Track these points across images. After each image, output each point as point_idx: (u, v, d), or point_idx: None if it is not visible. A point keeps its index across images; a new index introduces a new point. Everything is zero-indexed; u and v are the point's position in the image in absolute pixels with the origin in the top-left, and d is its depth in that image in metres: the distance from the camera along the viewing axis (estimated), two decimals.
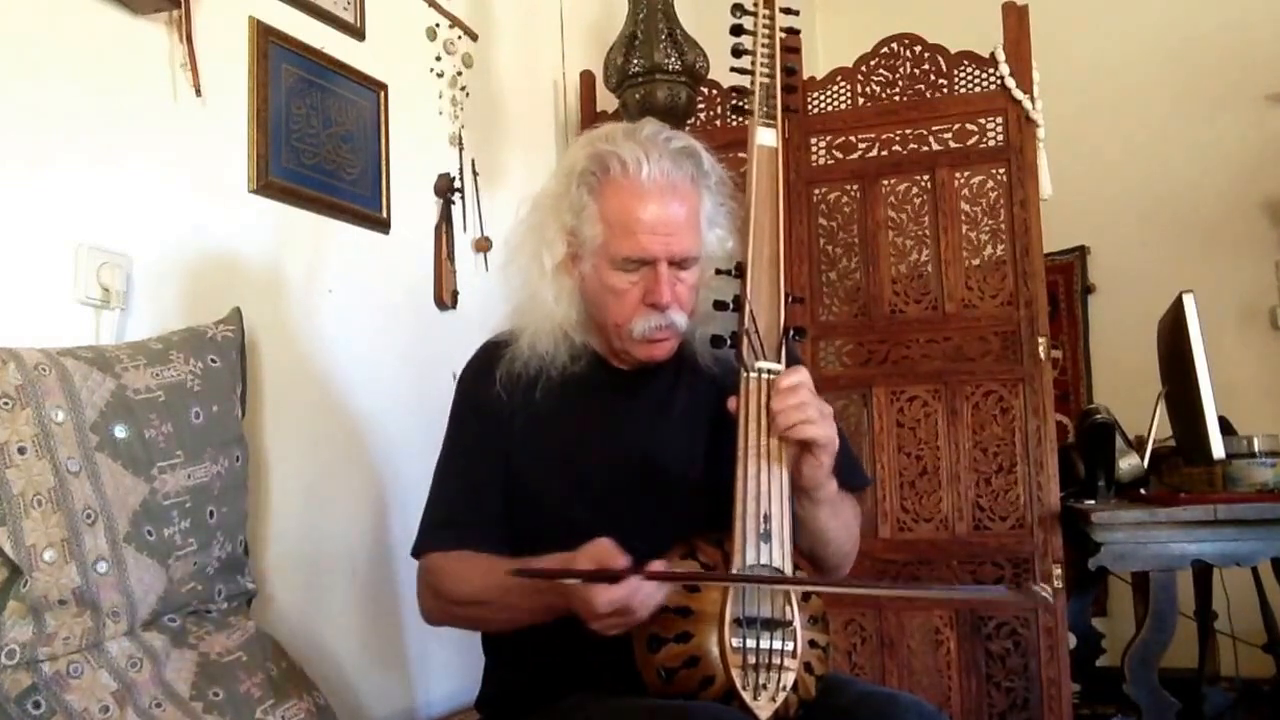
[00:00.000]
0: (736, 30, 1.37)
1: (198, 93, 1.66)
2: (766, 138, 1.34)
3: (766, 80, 1.36)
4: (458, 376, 1.50)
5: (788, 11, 1.40)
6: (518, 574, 1.18)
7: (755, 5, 1.38)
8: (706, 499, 1.30)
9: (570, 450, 1.39)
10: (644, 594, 1.13)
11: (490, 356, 1.45)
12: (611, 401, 1.42)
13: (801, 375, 1.25)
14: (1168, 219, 3.73)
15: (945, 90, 2.50)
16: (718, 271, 1.35)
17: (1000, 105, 2.45)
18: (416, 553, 1.41)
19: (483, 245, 2.35)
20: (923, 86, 2.52)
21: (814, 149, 2.59)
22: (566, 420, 1.40)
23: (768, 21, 1.37)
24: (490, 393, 1.41)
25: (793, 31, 1.41)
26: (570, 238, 1.37)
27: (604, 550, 1.15)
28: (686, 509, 1.32)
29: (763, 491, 1.22)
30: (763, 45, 1.36)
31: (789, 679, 1.18)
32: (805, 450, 1.24)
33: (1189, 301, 2.29)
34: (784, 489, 1.23)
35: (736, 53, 1.37)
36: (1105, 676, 2.73)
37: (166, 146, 1.62)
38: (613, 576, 1.11)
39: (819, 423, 1.22)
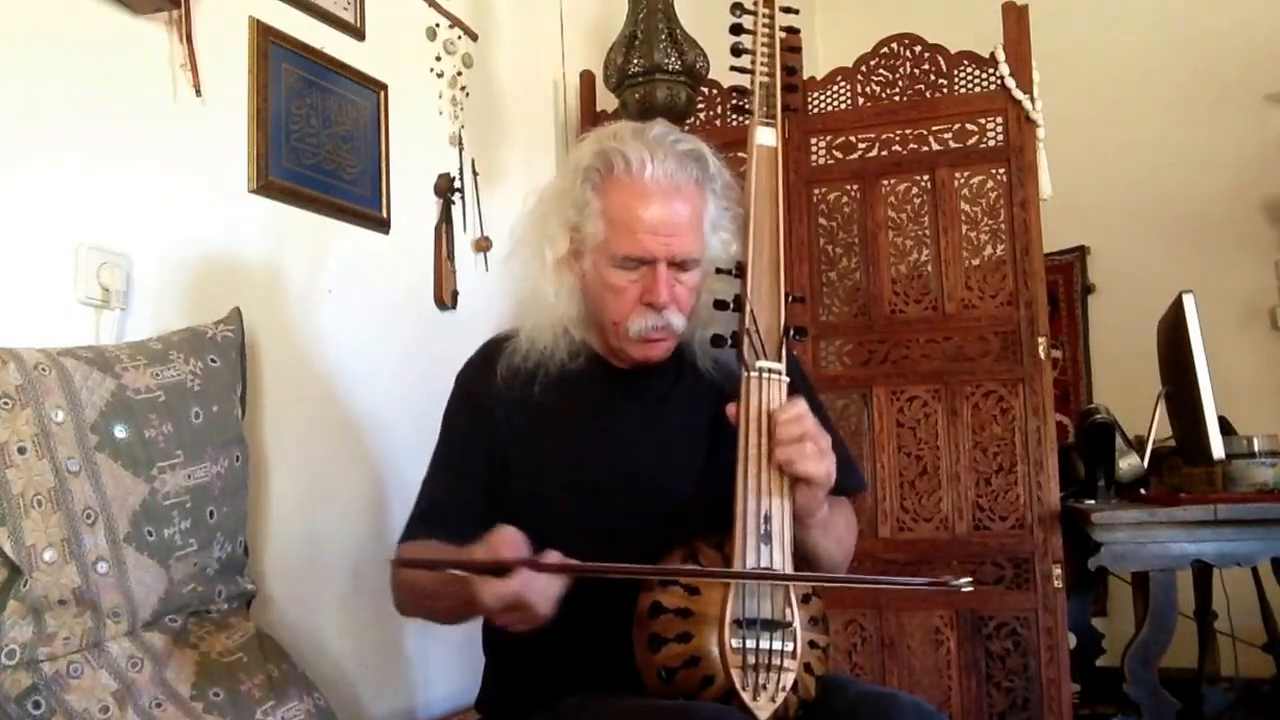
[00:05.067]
0: (736, 30, 1.37)
1: (198, 93, 1.66)
2: (766, 137, 1.34)
3: (766, 80, 1.36)
4: (458, 372, 1.50)
5: (788, 10, 1.40)
6: (405, 564, 1.16)
7: (755, 5, 1.37)
8: (703, 500, 1.30)
9: (567, 448, 1.39)
10: (537, 588, 1.09)
11: (491, 353, 1.45)
12: (609, 401, 1.42)
13: (801, 406, 1.24)
14: (1168, 219, 3.73)
15: (945, 90, 2.50)
16: (718, 271, 1.35)
17: (1000, 105, 2.45)
18: (400, 543, 1.41)
19: (483, 245, 2.35)
20: (923, 86, 2.52)
21: (814, 149, 2.59)
22: (564, 418, 1.40)
23: (767, 21, 1.37)
24: (488, 389, 1.41)
25: (793, 31, 1.41)
26: (572, 233, 1.37)
27: (502, 540, 1.11)
28: (683, 509, 1.32)
29: (763, 492, 1.22)
30: (762, 45, 1.36)
31: (788, 679, 1.18)
32: (800, 482, 1.23)
33: (1189, 301, 2.29)
34: (784, 489, 1.23)
35: (736, 52, 1.37)
36: (1105, 676, 2.73)
37: (166, 146, 1.62)
38: (501, 568, 1.08)
39: (816, 459, 1.21)
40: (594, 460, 1.38)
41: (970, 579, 1.15)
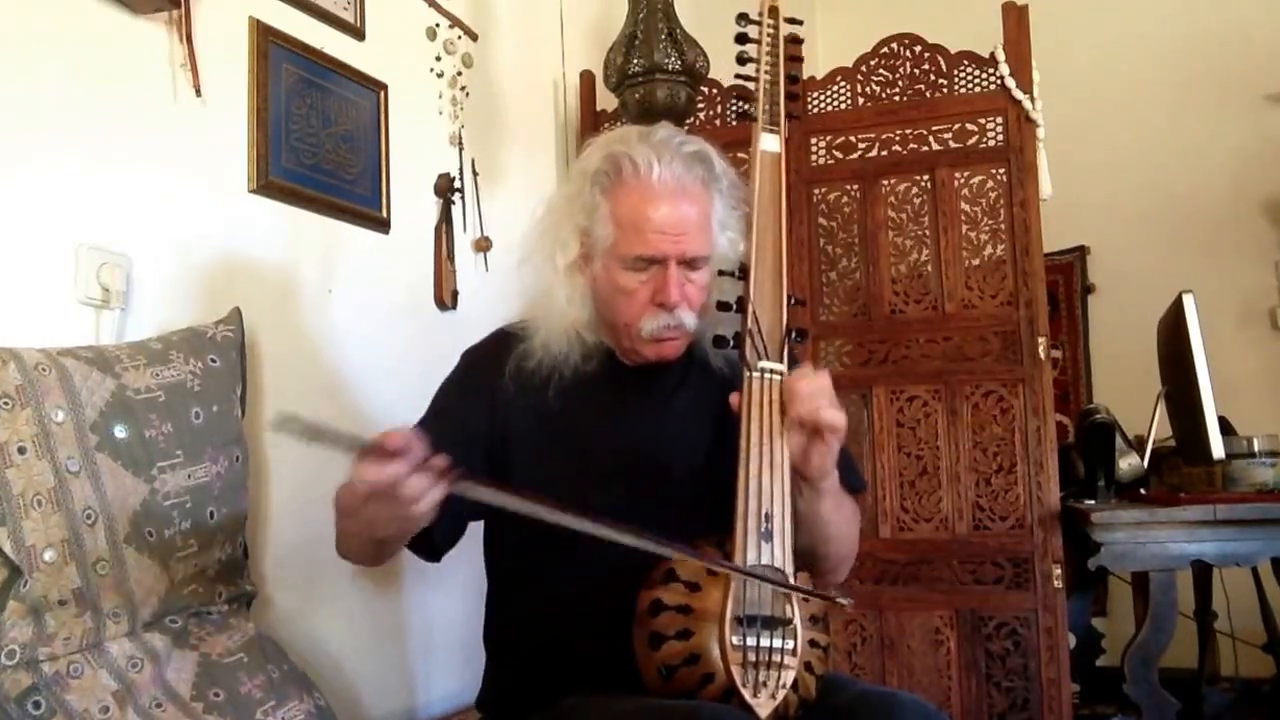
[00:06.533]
0: (741, 39, 1.39)
1: (198, 93, 1.66)
2: (770, 144, 1.36)
3: (770, 88, 1.37)
4: (464, 352, 1.51)
5: (792, 21, 1.42)
6: (281, 425, 1.10)
7: (760, 15, 1.40)
8: (710, 495, 1.30)
9: (577, 445, 1.40)
10: (412, 484, 1.08)
11: (502, 347, 1.46)
12: (618, 397, 1.43)
13: (811, 370, 1.28)
14: (1168, 219, 3.73)
15: (945, 90, 2.50)
16: (721, 273, 1.36)
17: (1000, 105, 2.45)
18: None
19: (483, 245, 2.35)
20: (923, 86, 2.52)
21: (814, 149, 2.59)
22: (575, 417, 1.41)
23: (771, 30, 1.39)
24: (494, 378, 1.42)
25: (796, 41, 1.43)
26: (583, 238, 1.39)
27: (394, 431, 1.09)
28: (690, 504, 1.33)
29: (764, 491, 1.22)
30: (766, 54, 1.39)
31: (789, 677, 1.18)
32: (816, 436, 1.24)
33: (1189, 301, 2.29)
34: (785, 488, 1.24)
35: (741, 60, 1.40)
36: (1105, 676, 2.73)
37: (166, 146, 1.62)
38: (383, 452, 1.05)
39: (837, 408, 1.24)
40: (603, 455, 1.39)
41: (850, 599, 1.23)
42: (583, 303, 1.40)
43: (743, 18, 1.39)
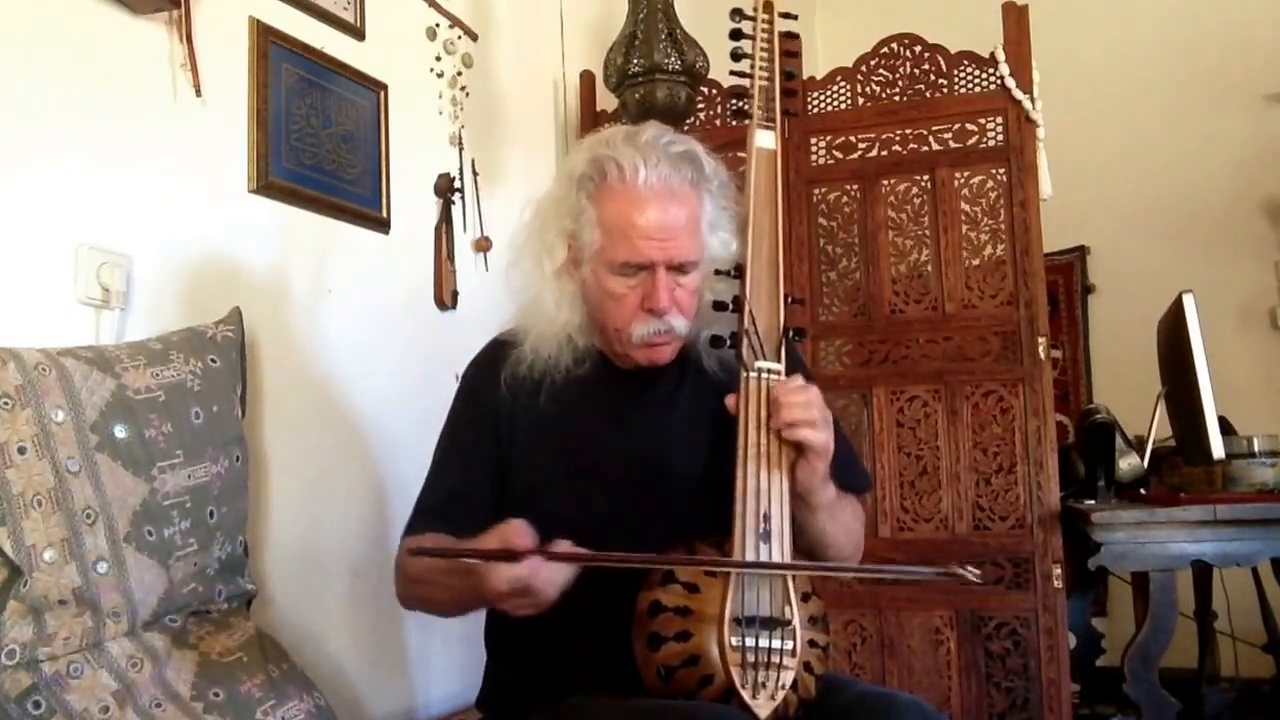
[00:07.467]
0: (736, 35, 1.38)
1: (198, 93, 1.66)
2: (765, 140, 1.34)
3: (765, 84, 1.36)
4: (464, 370, 1.51)
5: (787, 16, 1.41)
6: (418, 553, 1.18)
7: (755, 10, 1.38)
8: (709, 498, 1.30)
9: (573, 450, 1.40)
10: (545, 575, 1.13)
11: (496, 356, 1.45)
12: (615, 402, 1.42)
13: (803, 381, 1.26)
14: (1168, 219, 3.73)
15: (945, 90, 2.50)
16: (717, 273, 1.35)
17: (1000, 105, 2.45)
18: (403, 536, 1.42)
19: (483, 245, 2.35)
20: (922, 86, 2.52)
21: (814, 149, 2.59)
22: (570, 421, 1.40)
23: (766, 26, 1.38)
24: (493, 392, 1.42)
25: (792, 36, 1.42)
26: (570, 242, 1.37)
27: (511, 530, 1.15)
28: (689, 507, 1.33)
29: (762, 491, 1.22)
30: (762, 49, 1.37)
31: (788, 678, 1.18)
32: (800, 454, 1.24)
33: (1189, 301, 2.29)
34: (784, 489, 1.23)
35: (736, 56, 1.38)
36: (1105, 676, 2.73)
37: (166, 146, 1.62)
38: (511, 555, 1.12)
39: (818, 427, 1.22)
40: (600, 460, 1.38)
41: (978, 571, 1.14)
42: (572, 306, 1.38)
43: (737, 13, 1.38)
